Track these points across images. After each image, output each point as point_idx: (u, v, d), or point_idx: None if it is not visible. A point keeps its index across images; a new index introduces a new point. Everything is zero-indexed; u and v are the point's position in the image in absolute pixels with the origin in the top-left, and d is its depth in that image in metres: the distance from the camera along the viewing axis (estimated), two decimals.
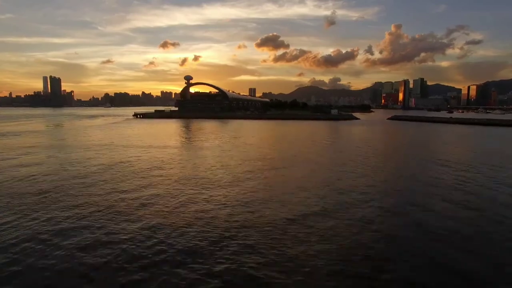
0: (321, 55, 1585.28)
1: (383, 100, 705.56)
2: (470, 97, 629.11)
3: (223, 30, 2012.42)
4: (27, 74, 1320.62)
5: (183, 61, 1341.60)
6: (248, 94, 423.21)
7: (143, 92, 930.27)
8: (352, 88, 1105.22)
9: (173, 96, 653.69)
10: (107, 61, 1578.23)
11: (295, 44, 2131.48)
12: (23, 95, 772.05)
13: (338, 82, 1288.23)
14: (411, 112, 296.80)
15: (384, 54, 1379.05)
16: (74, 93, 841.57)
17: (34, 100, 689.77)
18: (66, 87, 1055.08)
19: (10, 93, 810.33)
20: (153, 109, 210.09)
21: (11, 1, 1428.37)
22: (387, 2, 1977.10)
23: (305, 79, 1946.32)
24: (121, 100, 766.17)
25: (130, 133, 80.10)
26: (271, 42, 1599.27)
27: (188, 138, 70.77)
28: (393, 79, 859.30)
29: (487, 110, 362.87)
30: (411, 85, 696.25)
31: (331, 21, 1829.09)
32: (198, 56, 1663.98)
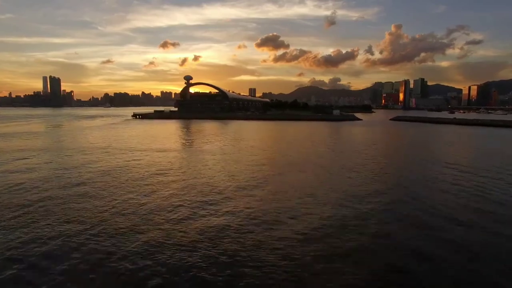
0: (321, 55, 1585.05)
1: (383, 100, 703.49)
2: (471, 97, 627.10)
3: (223, 30, 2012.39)
4: (27, 74, 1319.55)
5: (183, 61, 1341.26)
6: (248, 94, 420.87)
7: (143, 92, 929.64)
8: (352, 88, 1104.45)
9: (173, 96, 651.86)
10: (107, 61, 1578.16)
11: (295, 44, 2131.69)
12: (23, 95, 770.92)
13: (338, 82, 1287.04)
14: (412, 113, 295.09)
15: (384, 54, 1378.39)
16: (74, 93, 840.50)
17: (34, 100, 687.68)
18: (66, 87, 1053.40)
19: (10, 93, 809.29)
20: (152, 109, 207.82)
21: (11, 1, 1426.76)
22: (387, 2, 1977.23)
23: (305, 79, 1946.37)
24: (121, 100, 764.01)
25: (128, 135, 77.84)
26: (271, 42, 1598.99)
27: (188, 140, 68.49)
28: (393, 79, 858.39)
29: (489, 111, 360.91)
30: (411, 85, 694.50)
31: (331, 21, 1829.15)
32: (198, 56, 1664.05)
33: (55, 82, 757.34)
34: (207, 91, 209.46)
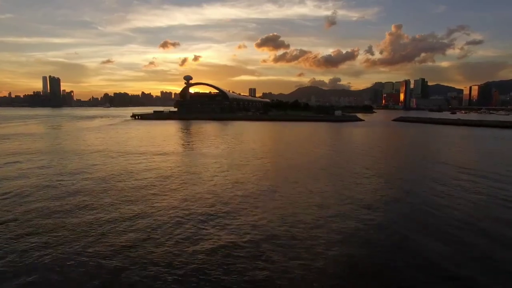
0: (321, 55, 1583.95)
1: (383, 101, 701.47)
2: (471, 98, 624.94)
3: (223, 30, 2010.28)
4: (27, 74, 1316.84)
5: (183, 61, 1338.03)
6: (248, 94, 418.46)
7: (142, 92, 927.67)
8: (352, 88, 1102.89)
9: (173, 96, 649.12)
10: (107, 61, 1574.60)
11: (295, 44, 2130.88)
12: (22, 95, 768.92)
13: (338, 82, 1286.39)
14: (413, 113, 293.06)
15: (384, 54, 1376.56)
16: (73, 93, 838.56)
17: (34, 100, 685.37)
18: (66, 87, 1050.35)
19: (10, 93, 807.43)
20: (152, 110, 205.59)
21: (11, 1, 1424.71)
22: (387, 2, 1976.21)
23: (305, 79, 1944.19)
24: (120, 100, 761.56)
25: (126, 137, 75.60)
26: (271, 42, 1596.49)
27: (187, 143, 66.18)
28: (393, 79, 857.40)
29: (490, 111, 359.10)
30: (412, 85, 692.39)
31: (331, 21, 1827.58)
32: (198, 56, 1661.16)
33: (55, 82, 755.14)
34: (207, 91, 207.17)
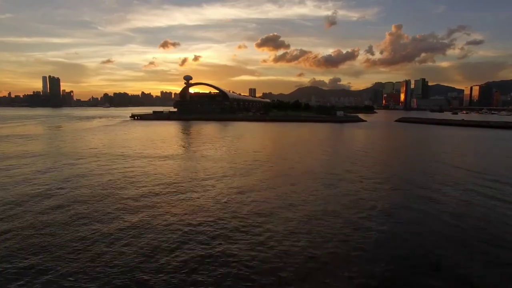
0: (321, 55, 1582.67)
1: (384, 101, 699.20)
2: (472, 98, 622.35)
3: (223, 30, 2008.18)
4: (26, 74, 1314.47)
5: (183, 61, 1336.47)
6: (248, 94, 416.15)
7: (142, 92, 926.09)
8: (352, 89, 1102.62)
9: (173, 96, 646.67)
10: (107, 61, 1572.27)
11: (295, 44, 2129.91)
12: (22, 95, 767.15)
13: (338, 83, 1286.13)
14: (414, 113, 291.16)
15: (385, 54, 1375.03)
16: (73, 93, 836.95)
17: (33, 100, 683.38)
18: (66, 87, 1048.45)
19: (9, 93, 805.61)
20: (152, 110, 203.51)
21: (11, 1, 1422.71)
22: (387, 2, 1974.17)
23: (305, 79, 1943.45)
24: (120, 100, 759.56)
25: (123, 138, 73.51)
26: (271, 42, 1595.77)
27: (187, 146, 63.99)
28: (393, 80, 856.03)
29: (492, 111, 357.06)
30: (412, 85, 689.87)
31: (331, 21, 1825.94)
32: (198, 56, 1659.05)
33: (54, 82, 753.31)
34: (207, 92, 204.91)
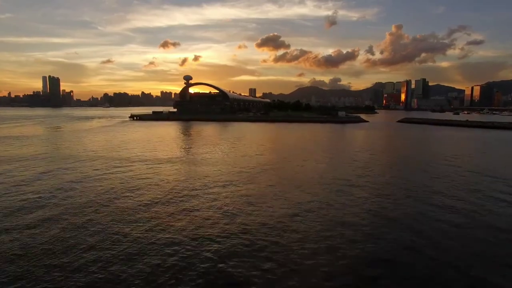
0: (321, 55, 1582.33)
1: (384, 101, 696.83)
2: (473, 98, 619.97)
3: (223, 30, 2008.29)
4: (26, 74, 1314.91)
5: (183, 61, 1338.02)
6: (248, 94, 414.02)
7: (142, 92, 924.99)
8: (352, 89, 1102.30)
9: (173, 96, 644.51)
10: (107, 61, 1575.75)
11: (296, 44, 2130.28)
12: (22, 95, 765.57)
13: (338, 83, 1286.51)
14: (415, 113, 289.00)
15: (385, 54, 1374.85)
16: (73, 93, 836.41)
17: (33, 100, 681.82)
18: (66, 87, 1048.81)
19: (9, 93, 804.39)
20: (151, 110, 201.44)
21: (10, 1, 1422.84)
22: (387, 3, 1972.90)
23: (305, 79, 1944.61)
24: (120, 100, 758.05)
25: (120, 140, 71.29)
26: (271, 42, 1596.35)
27: (187, 149, 61.38)
28: (393, 80, 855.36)
29: (494, 112, 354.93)
30: (412, 85, 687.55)
31: (331, 21, 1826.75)
32: (198, 56, 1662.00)
33: (54, 82, 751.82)
34: (207, 92, 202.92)
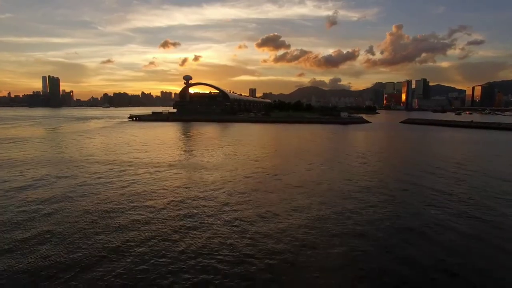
0: (321, 56, 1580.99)
1: (385, 101, 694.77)
2: (474, 98, 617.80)
3: (223, 30, 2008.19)
4: (26, 74, 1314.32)
5: (183, 61, 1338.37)
6: (248, 94, 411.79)
7: (142, 92, 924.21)
8: (352, 89, 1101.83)
9: (173, 96, 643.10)
10: (107, 61, 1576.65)
11: (296, 44, 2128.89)
12: (22, 95, 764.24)
13: (339, 83, 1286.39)
14: (416, 114, 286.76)
15: (385, 54, 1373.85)
16: (73, 93, 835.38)
17: (33, 100, 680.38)
18: (66, 87, 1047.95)
19: (9, 93, 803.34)
20: (151, 110, 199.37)
21: (11, 1, 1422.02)
22: (387, 3, 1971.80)
23: (305, 80, 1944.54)
24: (120, 100, 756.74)
25: (117, 142, 69.10)
26: (271, 42, 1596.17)
27: (187, 152, 58.66)
28: (393, 80, 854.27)
29: (496, 112, 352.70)
30: (413, 85, 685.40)
31: (332, 21, 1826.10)
32: (198, 56, 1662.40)
33: (54, 82, 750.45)
34: (207, 92, 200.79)
